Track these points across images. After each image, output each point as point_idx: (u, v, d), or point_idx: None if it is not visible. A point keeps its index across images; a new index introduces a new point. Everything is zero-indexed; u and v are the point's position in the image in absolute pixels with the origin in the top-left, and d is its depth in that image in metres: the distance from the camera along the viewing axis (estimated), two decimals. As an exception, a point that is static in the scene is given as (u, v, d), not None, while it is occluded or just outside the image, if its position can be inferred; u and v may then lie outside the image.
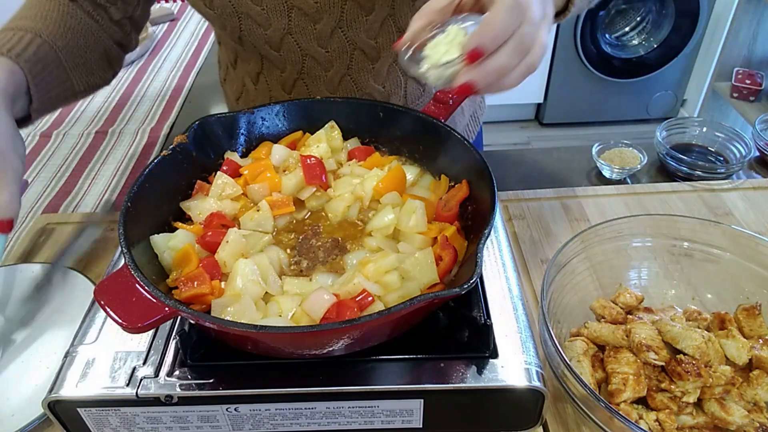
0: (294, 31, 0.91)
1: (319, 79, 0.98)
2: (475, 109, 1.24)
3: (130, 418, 0.61)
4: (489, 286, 0.68)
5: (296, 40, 0.92)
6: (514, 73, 0.57)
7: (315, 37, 0.91)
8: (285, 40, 0.92)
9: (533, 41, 0.56)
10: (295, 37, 0.92)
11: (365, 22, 0.90)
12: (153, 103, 1.45)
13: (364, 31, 0.91)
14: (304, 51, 0.94)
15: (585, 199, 0.99)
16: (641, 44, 3.14)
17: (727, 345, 0.67)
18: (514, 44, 0.55)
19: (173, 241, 0.67)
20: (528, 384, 0.58)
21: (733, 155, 1.09)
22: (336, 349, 0.57)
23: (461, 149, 0.73)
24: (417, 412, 0.61)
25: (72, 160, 1.24)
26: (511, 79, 0.57)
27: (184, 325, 0.64)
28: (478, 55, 0.55)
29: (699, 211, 0.96)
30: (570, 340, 0.70)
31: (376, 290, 0.62)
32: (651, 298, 0.78)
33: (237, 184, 0.75)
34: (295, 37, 0.91)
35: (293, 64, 0.96)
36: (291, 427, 0.63)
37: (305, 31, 0.91)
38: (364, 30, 0.91)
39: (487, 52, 0.55)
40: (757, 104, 2.71)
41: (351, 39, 0.92)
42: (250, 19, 0.90)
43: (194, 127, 0.77)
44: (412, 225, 0.68)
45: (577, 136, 3.43)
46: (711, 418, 0.63)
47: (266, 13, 0.88)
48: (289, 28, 0.90)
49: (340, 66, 0.96)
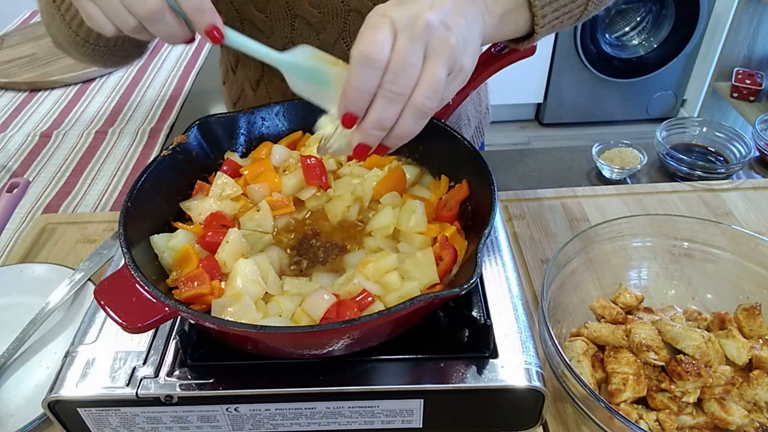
0: (296, 41, 0.90)
1: None
2: (480, 119, 1.24)
3: (130, 418, 0.61)
4: (489, 286, 0.68)
5: None
6: (403, 121, 0.54)
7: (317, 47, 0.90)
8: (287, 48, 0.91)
9: (406, 85, 0.52)
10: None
11: None
12: (153, 103, 1.45)
13: None
14: None
15: (585, 199, 0.99)
16: (641, 44, 3.14)
17: (727, 345, 0.67)
18: (383, 95, 0.52)
19: (173, 241, 0.67)
20: (528, 384, 0.58)
21: (733, 155, 1.09)
22: (336, 349, 0.57)
23: (461, 149, 0.73)
24: (417, 412, 0.61)
25: (72, 160, 1.24)
26: (402, 127, 0.54)
27: (184, 325, 0.64)
28: (350, 119, 0.54)
29: (699, 211, 0.96)
30: (570, 340, 0.70)
31: (376, 290, 0.62)
32: (651, 298, 0.78)
33: (237, 184, 0.75)
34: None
35: None
36: (291, 427, 0.63)
37: (308, 40, 0.90)
38: None
39: (358, 114, 0.54)
40: (757, 104, 2.71)
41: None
42: (252, 26, 0.89)
43: (194, 127, 0.77)
44: (412, 225, 0.68)
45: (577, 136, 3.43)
46: (711, 418, 0.63)
47: (270, 20, 0.88)
48: (291, 36, 0.90)
49: None
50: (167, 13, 0.57)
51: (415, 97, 0.53)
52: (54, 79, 1.50)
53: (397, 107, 0.53)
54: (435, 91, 0.53)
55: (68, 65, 1.55)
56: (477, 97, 1.19)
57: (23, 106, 1.44)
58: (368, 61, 0.51)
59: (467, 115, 1.16)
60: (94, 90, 1.51)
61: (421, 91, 0.53)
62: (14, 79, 1.50)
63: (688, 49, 3.09)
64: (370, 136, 0.55)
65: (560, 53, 3.11)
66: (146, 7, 0.56)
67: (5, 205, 0.90)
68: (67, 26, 0.75)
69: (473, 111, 1.19)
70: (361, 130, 0.54)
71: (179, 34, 0.60)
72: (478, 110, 1.21)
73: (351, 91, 0.53)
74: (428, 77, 0.53)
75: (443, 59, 0.53)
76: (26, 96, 1.48)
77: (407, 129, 0.55)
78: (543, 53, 3.10)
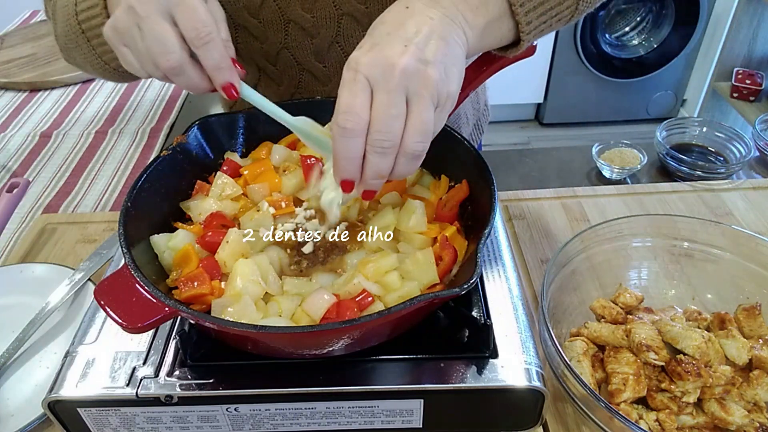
0: (290, 46, 0.90)
1: (317, 94, 0.98)
2: (479, 117, 1.24)
3: (130, 418, 0.61)
4: (489, 286, 0.68)
5: (293, 55, 0.91)
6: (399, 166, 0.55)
7: (312, 51, 0.90)
8: (281, 54, 0.91)
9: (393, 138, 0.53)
10: (292, 52, 0.91)
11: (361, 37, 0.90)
12: (153, 103, 1.45)
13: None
14: (301, 66, 0.93)
15: (585, 199, 0.99)
16: (641, 44, 3.14)
17: (727, 345, 0.67)
18: (373, 152, 0.53)
19: (173, 241, 0.67)
20: (528, 384, 0.58)
21: (733, 155, 1.09)
22: (336, 349, 0.57)
23: (461, 149, 0.73)
24: (417, 412, 0.61)
25: (72, 160, 1.24)
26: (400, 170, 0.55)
27: (184, 325, 0.64)
28: (348, 184, 0.56)
29: (699, 211, 0.96)
30: (570, 340, 0.70)
31: (376, 290, 0.62)
32: (651, 298, 0.78)
33: (237, 184, 0.75)
34: (291, 52, 0.91)
35: (290, 79, 0.96)
36: (291, 427, 0.63)
37: (302, 45, 0.90)
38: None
39: (353, 178, 0.56)
40: (757, 104, 2.71)
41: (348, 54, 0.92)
42: (246, 32, 0.89)
43: (194, 127, 0.77)
44: (412, 225, 0.68)
45: (577, 136, 3.43)
46: (711, 418, 0.63)
47: (263, 26, 0.88)
48: (285, 42, 0.90)
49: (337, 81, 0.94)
50: (188, 68, 0.60)
51: (405, 144, 0.54)
52: (54, 79, 1.50)
53: (390, 158, 0.54)
54: (424, 133, 0.54)
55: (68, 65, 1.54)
56: (475, 95, 1.19)
57: (23, 106, 1.44)
58: (347, 132, 0.53)
59: (465, 113, 1.16)
60: (94, 90, 1.51)
61: (410, 138, 0.53)
62: (14, 79, 1.50)
63: (688, 49, 3.09)
64: (371, 185, 0.57)
65: (560, 53, 3.11)
66: (168, 63, 0.59)
67: (5, 205, 0.90)
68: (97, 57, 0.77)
69: (471, 109, 1.18)
70: (363, 183, 0.56)
71: (201, 86, 0.63)
72: (476, 108, 1.21)
73: (340, 161, 0.54)
74: (415, 123, 0.53)
75: (427, 99, 0.53)
76: (26, 96, 1.49)
77: (405, 171, 0.56)
78: (543, 53, 3.10)
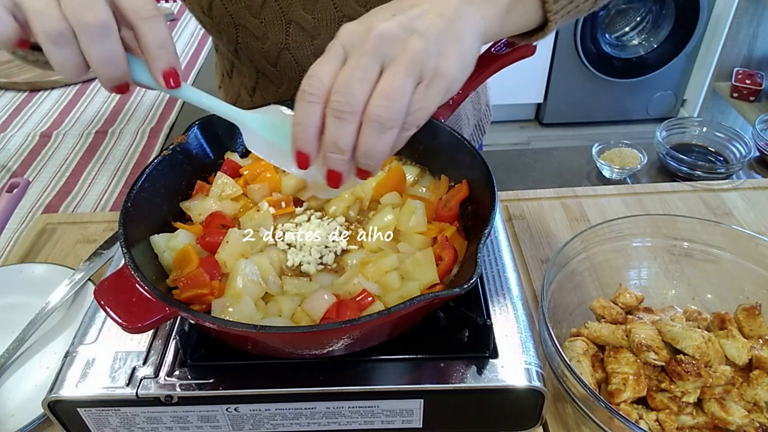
0: (291, 47, 0.90)
1: None
2: (480, 117, 1.24)
3: (130, 418, 0.61)
4: (489, 286, 0.68)
5: (293, 56, 0.91)
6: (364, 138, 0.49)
7: (313, 53, 0.90)
8: (282, 55, 0.91)
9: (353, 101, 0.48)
10: (292, 53, 0.91)
11: None
12: (153, 103, 1.45)
13: None
14: (301, 67, 0.93)
15: (585, 199, 0.99)
16: (641, 44, 3.15)
17: (727, 345, 0.67)
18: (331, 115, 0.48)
19: (173, 241, 0.67)
20: (528, 384, 0.58)
21: (733, 155, 1.09)
22: (336, 349, 0.57)
23: (461, 149, 0.73)
24: (417, 412, 0.61)
25: (72, 160, 1.24)
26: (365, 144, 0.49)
27: (184, 325, 0.64)
28: (303, 158, 0.50)
29: (699, 211, 0.96)
30: (570, 340, 0.70)
31: (376, 290, 0.62)
32: (651, 298, 0.78)
33: (237, 184, 0.75)
34: (292, 53, 0.91)
35: (290, 80, 0.96)
36: (291, 427, 0.63)
37: (303, 46, 0.90)
38: None
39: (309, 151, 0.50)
40: (757, 104, 2.71)
41: None
42: (247, 32, 0.89)
43: (194, 127, 0.77)
44: (412, 225, 0.68)
45: (577, 136, 3.43)
46: (711, 418, 0.63)
47: (264, 26, 0.88)
48: (286, 43, 0.90)
49: None
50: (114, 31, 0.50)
51: (367, 108, 0.48)
52: (54, 79, 1.50)
53: (348, 125, 0.48)
54: (391, 99, 0.47)
55: (68, 65, 1.54)
56: (476, 96, 1.19)
57: (23, 106, 1.44)
58: (305, 96, 0.49)
59: (466, 114, 1.16)
60: (94, 90, 1.51)
61: (373, 101, 0.48)
62: (14, 79, 1.50)
63: (688, 49, 3.10)
64: (331, 160, 0.50)
65: (560, 53, 3.11)
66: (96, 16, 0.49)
67: (5, 205, 0.90)
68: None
69: (472, 110, 1.18)
70: (325, 159, 0.50)
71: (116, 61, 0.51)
72: (477, 109, 1.21)
73: (295, 127, 0.50)
74: (382, 86, 0.48)
75: (402, 66, 0.48)
76: (26, 96, 1.49)
77: (371, 146, 0.49)
78: (543, 53, 3.11)
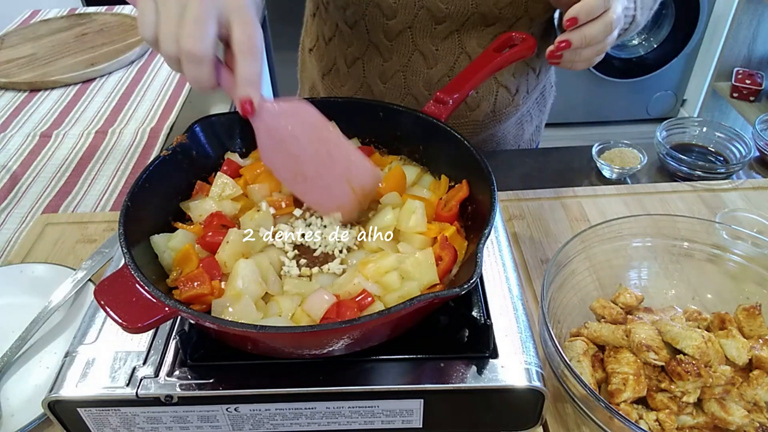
0: (415, 27, 0.95)
1: (420, 75, 1.01)
2: (542, 119, 1.28)
3: (130, 418, 0.61)
4: (489, 286, 0.68)
5: (413, 35, 0.96)
6: (588, 51, 0.70)
7: (431, 35, 0.96)
8: (403, 33, 0.96)
9: (612, 29, 0.68)
10: (413, 33, 0.95)
11: (482, 33, 0.96)
12: (153, 103, 1.45)
13: (476, 38, 0.96)
14: (416, 45, 0.97)
15: (585, 199, 0.99)
16: (641, 44, 3.14)
17: (727, 345, 0.67)
18: (602, 22, 0.68)
19: (173, 241, 0.67)
20: (528, 384, 0.58)
21: (733, 155, 1.09)
22: (336, 349, 0.57)
23: (461, 149, 0.73)
24: (417, 412, 0.61)
25: (72, 160, 1.24)
26: (586, 53, 0.71)
27: (184, 325, 0.64)
28: (573, 21, 0.68)
29: (699, 211, 0.96)
30: (570, 340, 0.70)
31: (376, 290, 0.62)
32: (651, 298, 0.78)
33: (237, 184, 0.75)
34: (413, 32, 0.95)
35: (400, 56, 0.99)
36: (291, 427, 0.63)
37: (425, 28, 0.95)
38: (477, 38, 0.96)
39: (580, 22, 0.68)
40: (757, 104, 2.71)
41: (462, 43, 0.97)
42: (377, 9, 0.93)
43: (194, 127, 0.77)
44: (412, 225, 0.68)
45: (577, 136, 3.43)
46: (711, 418, 0.63)
47: (396, 5, 0.92)
48: (412, 23, 0.94)
49: (443, 66, 1.00)
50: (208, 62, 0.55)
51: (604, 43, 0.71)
52: (54, 79, 1.50)
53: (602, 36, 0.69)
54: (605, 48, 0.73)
55: (68, 65, 1.55)
56: (542, 98, 1.22)
57: (23, 106, 1.44)
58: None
59: (530, 112, 1.20)
60: (94, 90, 1.51)
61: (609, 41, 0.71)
62: (14, 79, 1.50)
63: (688, 49, 3.09)
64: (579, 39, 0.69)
65: (560, 53, 3.11)
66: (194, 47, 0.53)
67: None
68: None
69: (537, 111, 1.22)
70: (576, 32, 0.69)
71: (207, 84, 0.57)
72: (541, 110, 1.24)
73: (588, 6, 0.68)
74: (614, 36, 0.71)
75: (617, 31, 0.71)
76: (26, 96, 1.48)
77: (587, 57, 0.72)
78: (543, 53, 3.10)
